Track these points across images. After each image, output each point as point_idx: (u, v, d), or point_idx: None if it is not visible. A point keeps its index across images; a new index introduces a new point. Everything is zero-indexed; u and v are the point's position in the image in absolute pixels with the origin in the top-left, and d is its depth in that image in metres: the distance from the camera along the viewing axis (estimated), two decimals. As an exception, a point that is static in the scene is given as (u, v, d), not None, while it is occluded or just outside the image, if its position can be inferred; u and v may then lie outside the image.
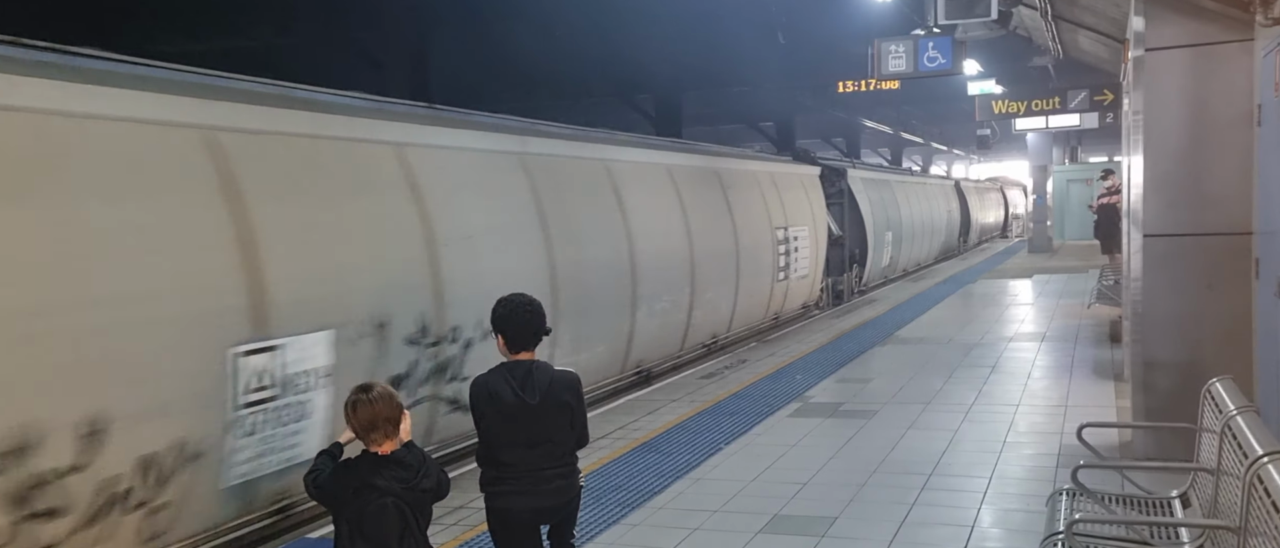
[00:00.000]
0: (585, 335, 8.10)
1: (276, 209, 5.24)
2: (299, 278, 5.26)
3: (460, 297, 6.37)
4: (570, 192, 8.21)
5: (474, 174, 7.09)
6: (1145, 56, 5.59)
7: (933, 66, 8.96)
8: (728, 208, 11.22)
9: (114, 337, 4.30)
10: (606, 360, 8.65)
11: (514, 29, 14.28)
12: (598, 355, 8.41)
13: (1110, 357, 9.31)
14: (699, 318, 10.41)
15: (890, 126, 31.89)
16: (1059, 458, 5.96)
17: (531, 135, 8.07)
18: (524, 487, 3.46)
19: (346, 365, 5.42)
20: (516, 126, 8.02)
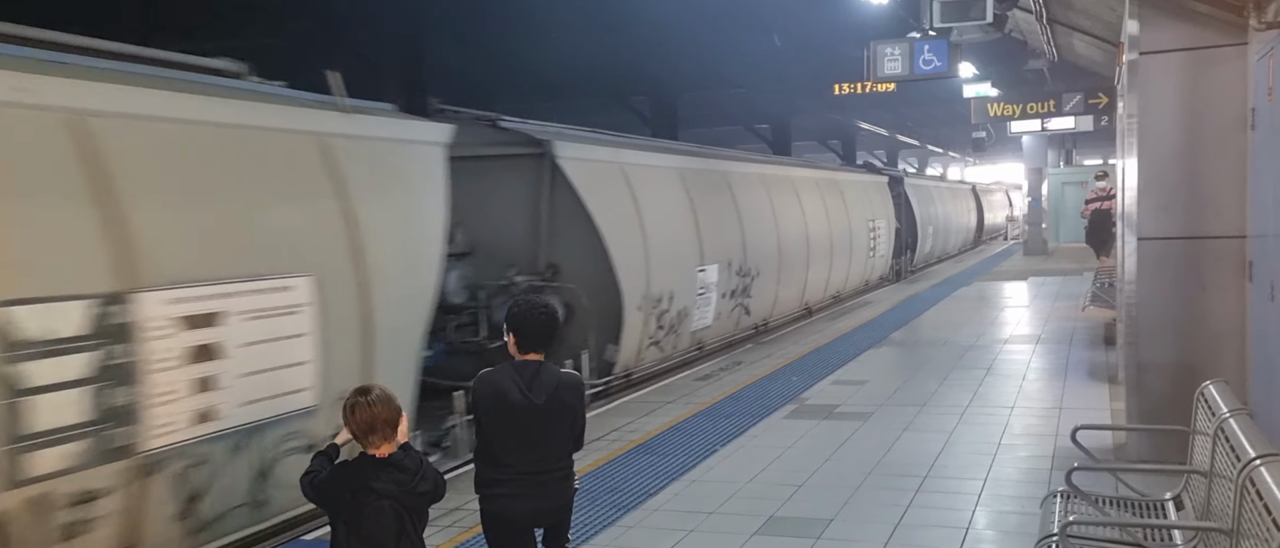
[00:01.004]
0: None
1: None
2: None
3: (664, 261, 9.60)
4: (711, 194, 11.24)
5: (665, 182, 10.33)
6: (1140, 60, 5.61)
7: (928, 69, 8.99)
8: (845, 206, 16.34)
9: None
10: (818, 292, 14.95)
11: (510, 30, 14.29)
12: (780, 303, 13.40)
13: (1105, 359, 9.34)
14: (836, 280, 15.86)
15: (886, 129, 31.95)
16: (1054, 460, 5.98)
17: (692, 156, 11.76)
18: (520, 489, 3.47)
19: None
20: (681, 148, 12.21)
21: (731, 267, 11.09)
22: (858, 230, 16.66)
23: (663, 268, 9.48)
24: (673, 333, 9.95)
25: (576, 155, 8.75)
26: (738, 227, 11.56)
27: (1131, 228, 5.94)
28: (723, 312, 11.14)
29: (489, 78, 16.00)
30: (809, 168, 16.43)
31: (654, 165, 10.23)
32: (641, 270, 9.07)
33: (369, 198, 5.62)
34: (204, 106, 4.85)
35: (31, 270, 3.88)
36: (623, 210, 9.09)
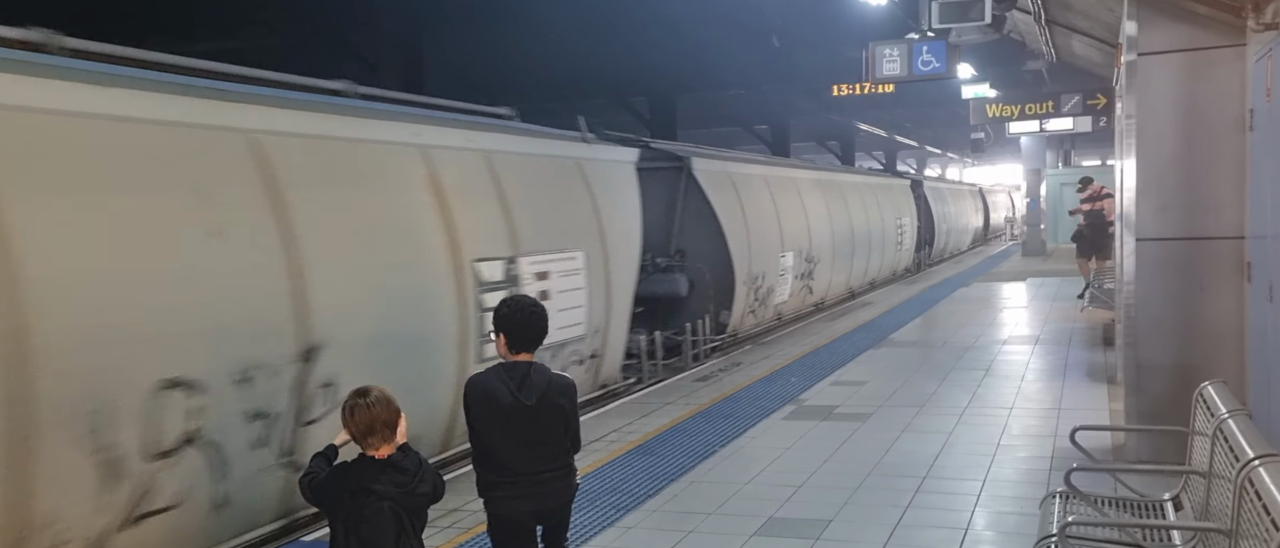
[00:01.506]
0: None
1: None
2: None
3: (759, 248, 12.37)
4: (786, 196, 14.09)
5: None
6: (1138, 61, 5.62)
7: (927, 70, 8.99)
8: (879, 207, 19.10)
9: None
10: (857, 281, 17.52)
11: (509, 31, 14.29)
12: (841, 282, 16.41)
13: (1103, 360, 9.35)
14: (873, 268, 18.62)
15: (884, 130, 31.97)
16: (1052, 461, 5.98)
17: (771, 165, 14.75)
18: (522, 490, 3.47)
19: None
20: (763, 159, 15.51)
21: (801, 254, 14.00)
22: (889, 228, 19.61)
23: (758, 253, 12.22)
24: (763, 305, 12.68)
25: (704, 168, 11.60)
26: (805, 222, 14.36)
27: (1130, 228, 5.94)
28: (794, 290, 13.99)
29: (489, 78, 16.00)
30: (853, 174, 20.09)
31: (749, 174, 12.99)
32: (746, 255, 11.74)
33: (604, 199, 8.49)
34: (529, 145, 7.81)
35: (483, 243, 6.71)
36: (733, 208, 11.74)
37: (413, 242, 6.13)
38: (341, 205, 5.60)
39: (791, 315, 14.03)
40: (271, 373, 4.91)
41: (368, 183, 5.89)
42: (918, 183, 24.75)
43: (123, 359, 4.22)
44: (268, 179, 5.10)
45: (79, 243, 4.15)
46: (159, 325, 4.38)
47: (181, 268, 4.54)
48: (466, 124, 7.13)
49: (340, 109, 5.93)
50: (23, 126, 4.06)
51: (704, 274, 11.09)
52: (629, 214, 9.02)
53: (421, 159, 6.33)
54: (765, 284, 12.54)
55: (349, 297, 5.45)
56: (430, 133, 6.56)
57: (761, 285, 12.38)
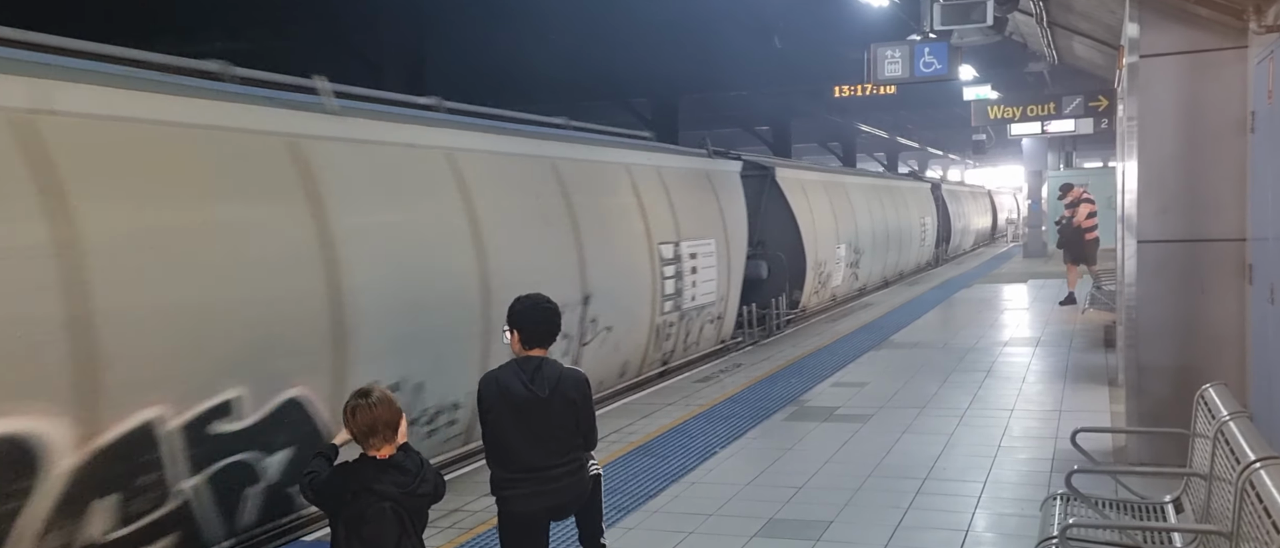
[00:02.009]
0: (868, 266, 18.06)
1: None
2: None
3: (823, 240, 14.91)
4: (838, 197, 16.63)
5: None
6: (1140, 63, 5.62)
7: (928, 72, 8.98)
8: (908, 207, 21.58)
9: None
10: (890, 271, 19.95)
11: (511, 32, 14.30)
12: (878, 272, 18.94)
13: (1104, 362, 9.35)
14: (902, 261, 20.94)
15: (886, 131, 31.98)
16: (1053, 463, 5.98)
17: (827, 172, 17.74)
18: (533, 488, 3.51)
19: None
20: (822, 167, 18.82)
21: (851, 246, 16.57)
22: (914, 225, 21.96)
23: (822, 245, 14.81)
24: (824, 287, 15.32)
25: (784, 175, 14.26)
26: (853, 221, 16.94)
27: (1131, 230, 5.94)
28: (845, 277, 16.54)
29: (491, 79, 16.02)
30: (886, 179, 23.22)
31: (814, 180, 15.79)
32: (814, 245, 14.25)
33: (723, 200, 11.33)
34: (682, 161, 10.94)
35: (661, 231, 9.50)
36: (804, 208, 14.31)
37: (628, 229, 9.10)
38: (597, 204, 8.59)
39: (842, 298, 16.79)
40: (570, 309, 7.60)
41: (608, 189, 8.92)
42: (936, 185, 27.38)
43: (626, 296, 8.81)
44: (565, 190, 8.06)
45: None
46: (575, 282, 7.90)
47: (552, 245, 7.74)
48: (646, 147, 10.33)
49: (596, 141, 9.27)
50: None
51: (781, 260, 13.46)
52: (739, 211, 11.87)
53: (626, 174, 9.33)
54: (825, 270, 15.21)
55: (603, 264, 8.33)
56: (630, 155, 9.58)
57: (823, 272, 15.06)
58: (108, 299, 4.16)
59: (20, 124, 4.04)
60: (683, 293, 9.96)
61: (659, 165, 10.01)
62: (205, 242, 4.68)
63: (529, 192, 7.53)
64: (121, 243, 4.29)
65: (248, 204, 5.03)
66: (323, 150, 5.56)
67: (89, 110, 4.32)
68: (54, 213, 4.04)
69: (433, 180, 6.49)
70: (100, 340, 4.11)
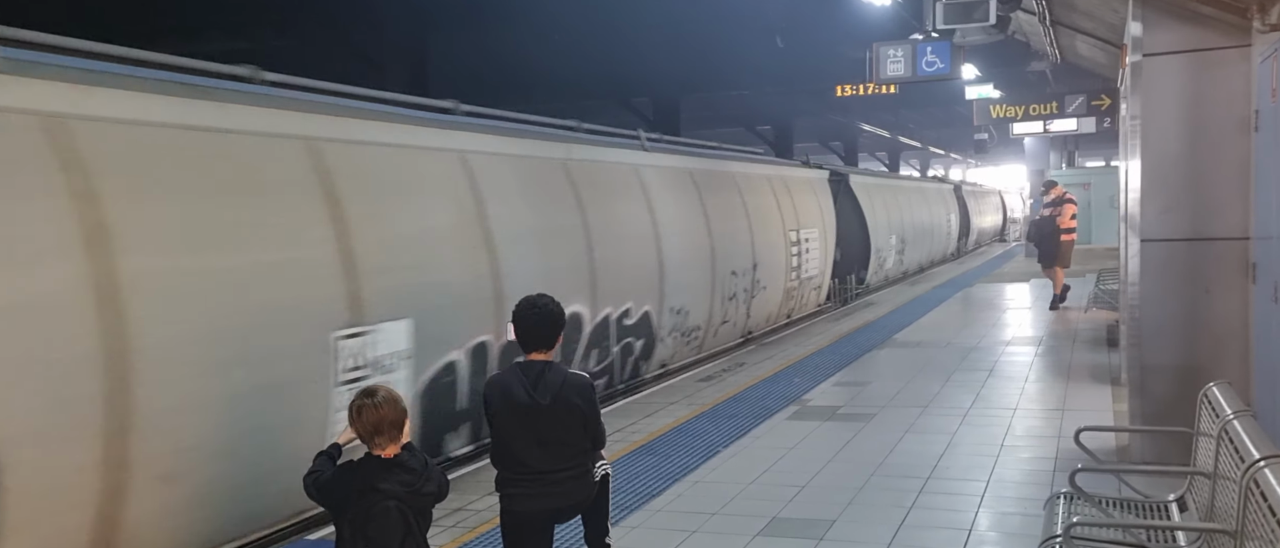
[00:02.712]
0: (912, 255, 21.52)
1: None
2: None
3: (882, 231, 18.71)
4: (891, 197, 20.88)
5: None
6: (1143, 62, 5.61)
7: (931, 71, 8.96)
8: (939, 205, 26.14)
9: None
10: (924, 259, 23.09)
11: (512, 31, 14.31)
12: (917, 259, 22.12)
13: (1108, 361, 9.34)
14: (933, 251, 24.34)
15: (888, 131, 31.95)
16: (1057, 462, 5.98)
17: (882, 177, 22.68)
18: (536, 490, 3.51)
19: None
20: (877, 172, 27.43)
21: (900, 237, 20.25)
22: (940, 221, 25.67)
23: (880, 235, 18.25)
24: (881, 269, 18.78)
25: (855, 180, 17.77)
26: (902, 216, 21.04)
27: (1134, 229, 5.94)
28: (895, 263, 20.09)
29: (493, 78, 16.02)
30: (921, 182, 28.29)
31: (877, 184, 19.74)
32: (876, 235, 17.79)
33: (822, 199, 14.90)
34: (795, 170, 15.08)
35: (790, 222, 13.42)
36: (870, 206, 17.92)
37: (771, 220, 12.60)
38: (759, 203, 12.41)
39: (894, 279, 20.49)
40: (744, 274, 11.64)
41: (756, 192, 12.43)
42: (957, 186, 31.84)
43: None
44: (741, 192, 11.96)
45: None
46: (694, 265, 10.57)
47: (734, 227, 11.55)
48: (770, 162, 14.75)
49: (753, 159, 13.69)
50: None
51: (851, 247, 16.71)
52: (830, 207, 15.42)
53: (767, 182, 13.06)
54: (883, 256, 18.72)
55: (763, 243, 12.16)
56: (772, 169, 13.68)
57: (881, 256, 18.52)
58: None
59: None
60: (801, 267, 13.74)
61: (784, 176, 14.13)
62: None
63: (722, 193, 11.61)
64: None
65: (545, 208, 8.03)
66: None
67: (710, 169, 11.58)
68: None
69: (627, 186, 9.49)
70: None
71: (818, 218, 14.63)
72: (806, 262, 13.88)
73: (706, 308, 10.64)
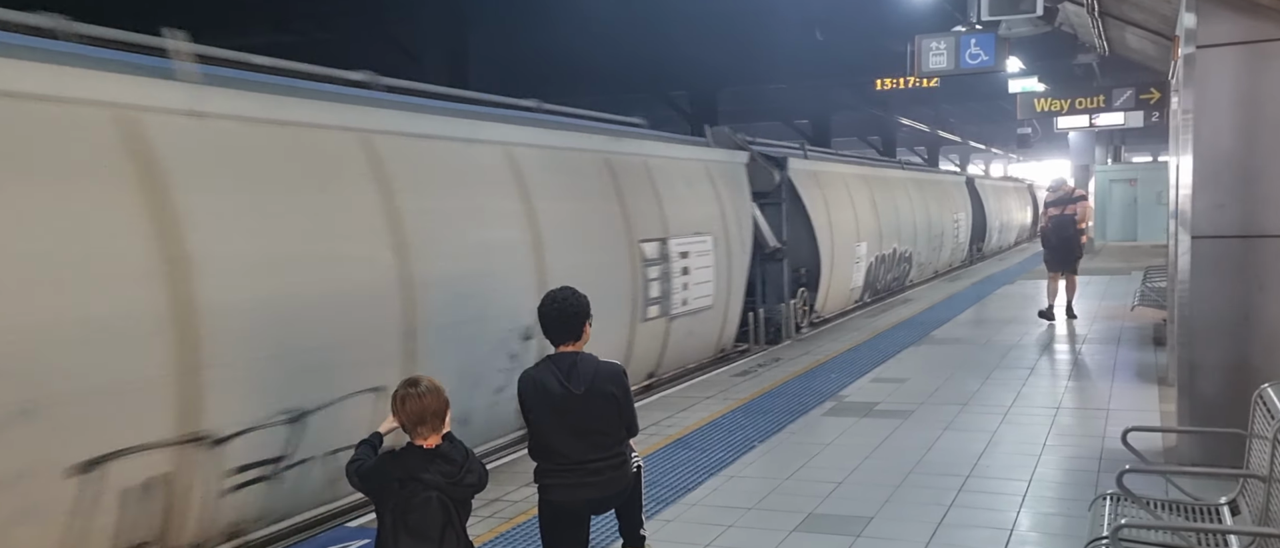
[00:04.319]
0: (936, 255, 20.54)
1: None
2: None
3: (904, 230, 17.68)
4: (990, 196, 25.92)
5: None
6: (1196, 54, 5.47)
7: (975, 64, 8.80)
8: (1016, 201, 29.94)
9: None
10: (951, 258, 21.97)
11: (551, 23, 14.33)
12: (944, 259, 21.05)
13: (1154, 360, 9.13)
14: (939, 260, 21.96)
15: (927, 125, 31.53)
16: (1101, 462, 5.86)
17: (926, 171, 24.58)
18: (573, 480, 3.52)
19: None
20: (948, 173, 28.26)
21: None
22: (944, 222, 24.81)
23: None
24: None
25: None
26: (982, 214, 24.08)
27: (1185, 226, 5.79)
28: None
29: (530, 70, 16.08)
30: (997, 180, 32.23)
31: (992, 186, 23.87)
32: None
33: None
34: (928, 174, 22.29)
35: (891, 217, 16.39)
36: (987, 198, 22.42)
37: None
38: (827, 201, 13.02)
39: (958, 265, 22.20)
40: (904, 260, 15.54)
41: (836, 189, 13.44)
42: (1031, 186, 35.26)
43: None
44: (911, 193, 17.57)
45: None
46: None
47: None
48: (865, 162, 17.30)
49: (880, 163, 18.62)
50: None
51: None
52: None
53: (864, 184, 14.68)
54: (845, 272, 18.98)
55: (867, 230, 14.30)
56: (894, 172, 17.12)
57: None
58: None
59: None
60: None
61: (918, 179, 17.85)
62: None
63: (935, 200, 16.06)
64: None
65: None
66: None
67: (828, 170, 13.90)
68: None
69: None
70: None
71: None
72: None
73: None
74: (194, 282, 4.28)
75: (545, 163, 7.25)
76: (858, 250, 14.20)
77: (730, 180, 10.30)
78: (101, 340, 3.92)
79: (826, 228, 12.62)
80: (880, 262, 15.28)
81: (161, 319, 4.14)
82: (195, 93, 4.60)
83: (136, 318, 4.07)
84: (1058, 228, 11.63)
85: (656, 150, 9.14)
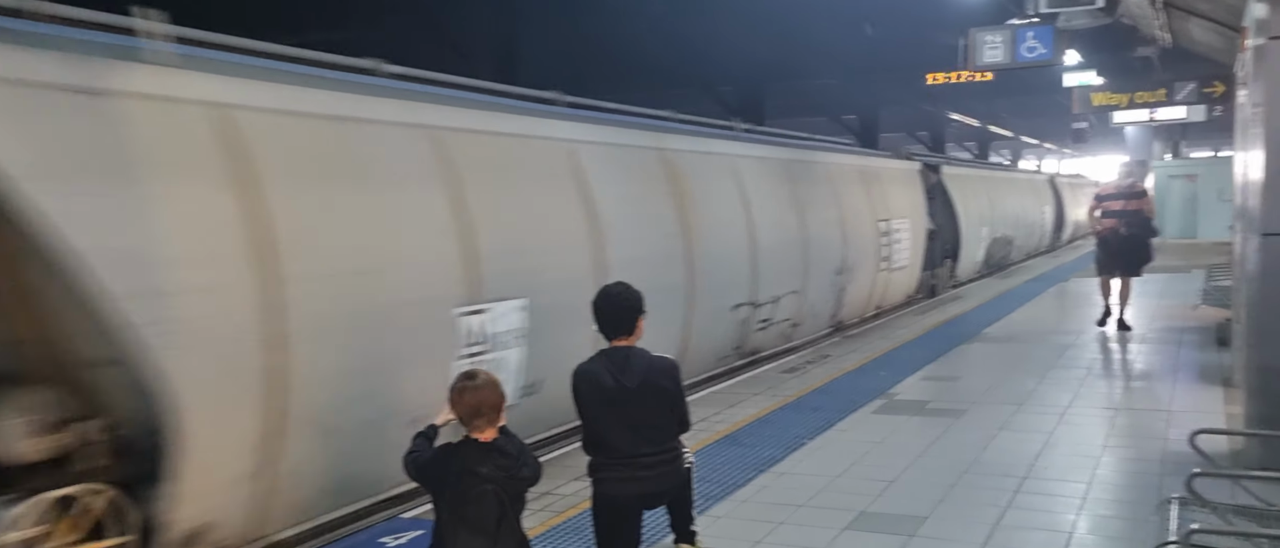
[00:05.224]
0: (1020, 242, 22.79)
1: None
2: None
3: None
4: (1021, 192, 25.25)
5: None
6: (1267, 45, 5.29)
7: (1031, 57, 8.58)
8: (1034, 197, 25.73)
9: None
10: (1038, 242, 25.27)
11: (599, 19, 14.37)
12: (1023, 248, 23.01)
13: (1218, 361, 8.86)
14: (1030, 244, 24.96)
15: (977, 120, 30.96)
16: (1163, 465, 5.71)
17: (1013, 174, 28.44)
18: (626, 473, 3.54)
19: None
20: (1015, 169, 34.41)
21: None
22: (1035, 213, 26.55)
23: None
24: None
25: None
26: (1061, 206, 27.29)
27: (1253, 224, 5.61)
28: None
29: (580, 66, 16.13)
30: (1069, 178, 33.85)
31: (969, 174, 20.15)
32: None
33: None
34: (1016, 175, 26.91)
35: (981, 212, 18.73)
36: (962, 197, 18.29)
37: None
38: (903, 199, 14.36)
39: (1020, 257, 23.09)
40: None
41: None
42: (1053, 178, 36.37)
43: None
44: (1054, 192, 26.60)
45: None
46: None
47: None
48: (982, 166, 23.46)
49: (992, 168, 26.02)
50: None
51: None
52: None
53: (984, 184, 18.45)
54: (972, 249, 20.12)
55: (986, 218, 18.36)
56: (1001, 174, 22.17)
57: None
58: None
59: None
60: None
61: (990, 176, 20.03)
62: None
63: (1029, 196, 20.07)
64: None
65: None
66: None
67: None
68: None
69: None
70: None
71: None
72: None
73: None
74: (477, 238, 5.88)
75: (846, 175, 12.41)
76: (981, 233, 18.33)
77: (913, 182, 14.92)
78: (434, 265, 5.62)
79: (964, 216, 16.86)
80: (994, 242, 19.53)
81: (456, 259, 5.74)
82: (486, 117, 6.44)
83: (450, 258, 5.69)
84: (1129, 223, 10.25)
85: (885, 164, 14.39)
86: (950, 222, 16.42)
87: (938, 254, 16.03)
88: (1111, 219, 10.44)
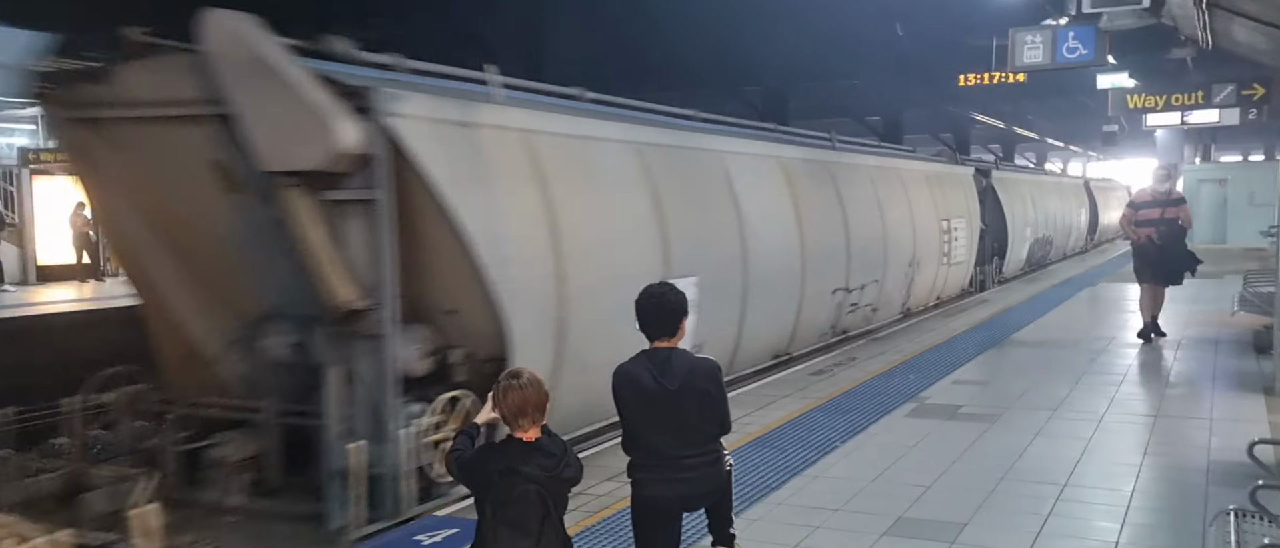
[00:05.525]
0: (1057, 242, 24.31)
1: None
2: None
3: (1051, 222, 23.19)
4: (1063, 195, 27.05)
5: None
6: (1323, 46, 5.15)
7: (1073, 57, 8.40)
8: (1072, 199, 27.04)
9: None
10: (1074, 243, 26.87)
11: (625, 17, 14.31)
12: (1060, 248, 24.60)
13: (1257, 368, 8.70)
14: (1069, 244, 26.48)
15: (1002, 121, 30.61)
16: (1208, 475, 5.60)
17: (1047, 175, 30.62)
18: (666, 475, 3.48)
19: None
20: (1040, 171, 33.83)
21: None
22: (1073, 215, 27.41)
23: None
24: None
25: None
26: (1095, 210, 28.58)
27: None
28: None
29: (605, 67, 16.06)
30: (1100, 182, 34.12)
31: (1015, 178, 21.32)
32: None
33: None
34: (1056, 179, 28.67)
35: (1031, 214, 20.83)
36: (1008, 199, 19.17)
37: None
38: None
39: (1057, 257, 24.00)
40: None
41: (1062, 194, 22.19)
42: (1087, 182, 36.53)
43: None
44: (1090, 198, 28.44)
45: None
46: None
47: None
48: (1026, 170, 26.26)
49: (1034, 172, 27.49)
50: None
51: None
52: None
53: (1028, 186, 20.68)
54: (1017, 248, 20.78)
55: (1030, 219, 20.23)
56: (1043, 178, 24.61)
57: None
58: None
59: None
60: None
61: (1037, 180, 21.00)
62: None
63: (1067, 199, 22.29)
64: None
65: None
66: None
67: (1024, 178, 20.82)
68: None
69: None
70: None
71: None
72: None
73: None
74: (669, 228, 7.52)
75: (915, 178, 13.85)
76: (1025, 233, 19.65)
77: (968, 185, 16.45)
78: (643, 248, 7.28)
79: (1011, 217, 18.26)
80: (1036, 242, 20.81)
81: (656, 244, 7.39)
82: (671, 135, 8.35)
83: (653, 243, 7.36)
84: (1166, 232, 9.90)
85: (947, 169, 16.01)
86: (999, 222, 17.93)
87: (988, 251, 17.66)
88: (1148, 227, 10.06)
